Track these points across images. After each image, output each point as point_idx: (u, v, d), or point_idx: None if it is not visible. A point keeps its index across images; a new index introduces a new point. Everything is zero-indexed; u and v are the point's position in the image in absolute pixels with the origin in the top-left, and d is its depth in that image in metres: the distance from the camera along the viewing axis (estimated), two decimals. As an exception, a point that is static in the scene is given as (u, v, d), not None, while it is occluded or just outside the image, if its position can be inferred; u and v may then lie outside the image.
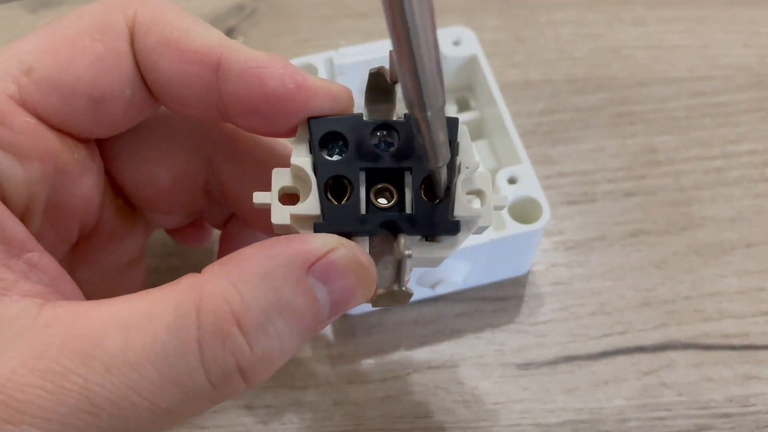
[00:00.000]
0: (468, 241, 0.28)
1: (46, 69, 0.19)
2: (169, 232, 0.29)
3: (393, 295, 0.19)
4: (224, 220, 0.27)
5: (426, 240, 0.20)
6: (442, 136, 0.17)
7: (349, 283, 0.18)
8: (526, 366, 0.30)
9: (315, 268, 0.17)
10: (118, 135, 0.22)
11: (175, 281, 0.17)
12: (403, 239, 0.18)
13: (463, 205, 0.19)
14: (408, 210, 0.19)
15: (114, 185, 0.24)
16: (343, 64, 0.32)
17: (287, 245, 0.17)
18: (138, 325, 0.16)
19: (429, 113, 0.16)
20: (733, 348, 0.31)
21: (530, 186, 0.29)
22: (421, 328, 0.31)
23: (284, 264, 0.17)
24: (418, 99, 0.16)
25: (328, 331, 0.31)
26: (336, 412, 0.30)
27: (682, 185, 0.35)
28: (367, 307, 0.31)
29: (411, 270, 0.23)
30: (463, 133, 0.20)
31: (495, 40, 0.39)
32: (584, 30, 0.40)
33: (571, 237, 0.34)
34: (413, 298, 0.31)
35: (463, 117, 0.34)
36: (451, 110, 0.35)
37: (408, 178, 0.19)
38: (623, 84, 0.38)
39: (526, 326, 0.31)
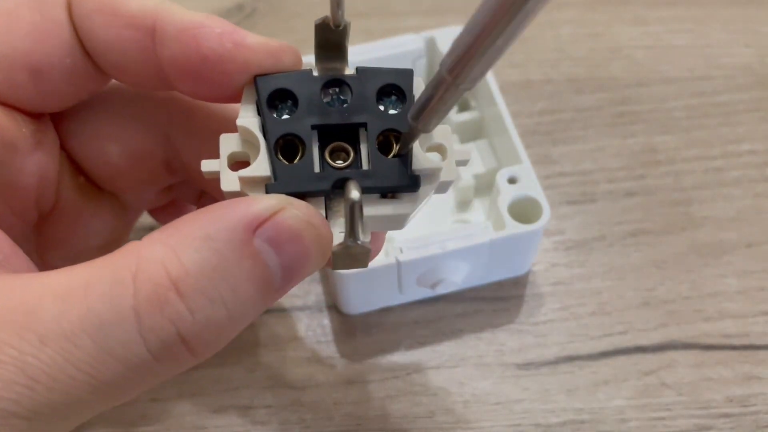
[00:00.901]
0: (468, 240, 0.28)
1: None
2: (151, 212, 0.29)
3: (349, 253, 0.17)
4: (197, 196, 0.27)
5: (385, 198, 0.19)
6: (443, 110, 0.16)
7: (301, 246, 0.17)
8: (526, 366, 0.30)
9: (262, 230, 0.16)
10: (71, 111, 0.22)
11: (116, 250, 0.17)
12: (351, 183, 0.17)
13: (422, 159, 0.18)
14: (364, 167, 0.18)
15: (73, 163, 0.23)
16: (343, 64, 0.32)
17: (231, 207, 0.16)
18: (74, 294, 0.16)
19: (460, 84, 0.15)
20: (733, 348, 0.31)
21: (530, 186, 0.29)
22: (421, 328, 0.31)
23: (227, 226, 0.16)
24: (465, 66, 0.15)
25: (328, 331, 0.31)
26: (336, 412, 0.30)
27: (682, 185, 0.35)
28: (367, 307, 0.32)
29: (381, 237, 0.22)
30: (419, 86, 0.19)
31: (495, 40, 0.39)
32: (584, 30, 0.40)
33: (571, 237, 0.33)
34: (413, 298, 0.32)
35: (463, 117, 0.34)
36: (451, 110, 0.35)
37: (363, 134, 0.18)
38: (623, 84, 0.38)
39: (527, 326, 0.31)
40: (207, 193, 0.26)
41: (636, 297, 0.32)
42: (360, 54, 0.32)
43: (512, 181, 0.30)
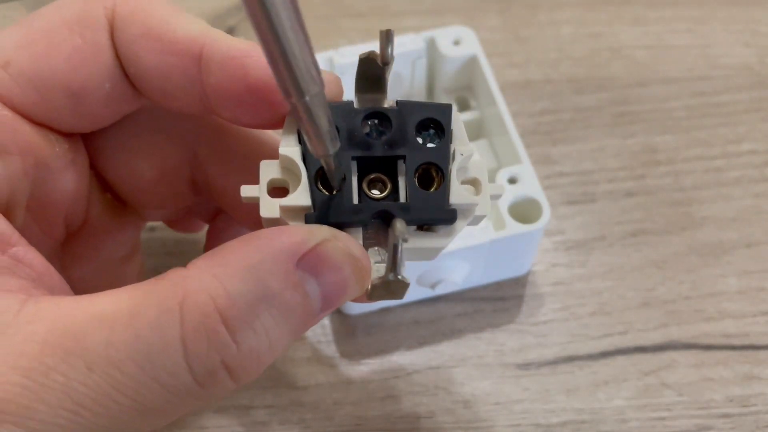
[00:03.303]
0: (468, 240, 0.28)
1: (23, 62, 0.19)
2: (165, 222, 0.29)
3: (388, 286, 0.18)
4: (212, 214, 0.27)
5: (421, 230, 0.19)
6: (325, 123, 0.16)
7: (341, 276, 0.17)
8: (526, 366, 0.30)
9: (304, 260, 0.17)
10: (102, 129, 0.22)
11: (160, 276, 0.17)
12: (398, 222, 0.17)
13: (460, 193, 0.19)
14: (402, 199, 0.19)
15: (101, 180, 0.23)
16: (343, 64, 0.32)
17: (275, 237, 0.17)
18: (121, 321, 0.16)
19: (306, 98, 0.15)
20: (733, 348, 0.31)
21: (530, 186, 0.29)
22: (421, 329, 0.31)
23: (271, 256, 0.16)
24: (292, 84, 0.15)
25: (328, 331, 0.31)
26: (336, 412, 0.30)
27: (682, 185, 0.35)
28: (367, 307, 0.31)
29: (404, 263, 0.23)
30: (456, 120, 0.19)
31: (495, 40, 0.39)
32: (584, 30, 0.40)
33: (572, 237, 0.33)
34: (413, 298, 0.32)
35: (463, 117, 0.34)
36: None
37: (401, 167, 0.19)
38: (623, 84, 0.38)
39: (527, 326, 0.31)
40: (223, 212, 0.26)
41: (636, 297, 0.32)
42: (360, 54, 0.32)
43: (512, 181, 0.30)
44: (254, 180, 0.19)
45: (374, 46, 0.33)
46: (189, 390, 0.16)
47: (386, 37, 0.18)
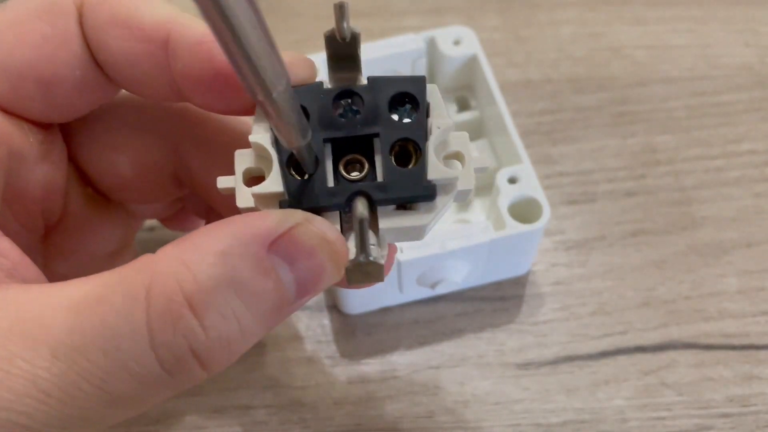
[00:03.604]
0: (468, 240, 0.28)
1: None
2: (161, 221, 0.29)
3: (362, 268, 0.17)
4: (207, 210, 0.27)
5: (403, 209, 0.18)
6: (294, 116, 0.16)
7: (316, 262, 0.17)
8: (526, 366, 0.30)
9: (276, 245, 0.16)
10: (80, 121, 0.22)
11: (130, 263, 0.17)
12: (358, 201, 0.17)
13: (438, 168, 0.18)
14: (380, 179, 0.18)
15: (81, 174, 0.23)
16: (343, 64, 0.32)
17: (245, 222, 0.16)
18: (87, 308, 0.16)
19: (274, 95, 0.15)
20: (733, 348, 0.31)
21: (530, 186, 0.29)
22: (421, 328, 0.31)
23: (241, 242, 0.16)
24: (258, 83, 0.14)
25: (328, 331, 0.31)
26: (336, 412, 0.30)
27: (682, 185, 0.35)
28: (366, 307, 0.32)
29: (393, 248, 0.21)
30: (432, 92, 0.18)
31: (495, 40, 0.39)
32: (584, 30, 0.40)
33: (572, 237, 0.33)
34: (413, 298, 0.32)
35: (463, 117, 0.34)
36: (451, 110, 0.35)
37: (377, 145, 0.18)
38: (623, 84, 0.38)
39: (527, 326, 0.31)
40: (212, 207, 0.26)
41: (636, 297, 0.32)
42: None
43: (512, 181, 0.30)
44: (233, 171, 0.18)
45: (374, 46, 0.33)
46: (157, 378, 0.16)
47: (339, 11, 0.17)
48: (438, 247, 0.28)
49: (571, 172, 0.35)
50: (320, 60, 0.32)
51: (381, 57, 0.32)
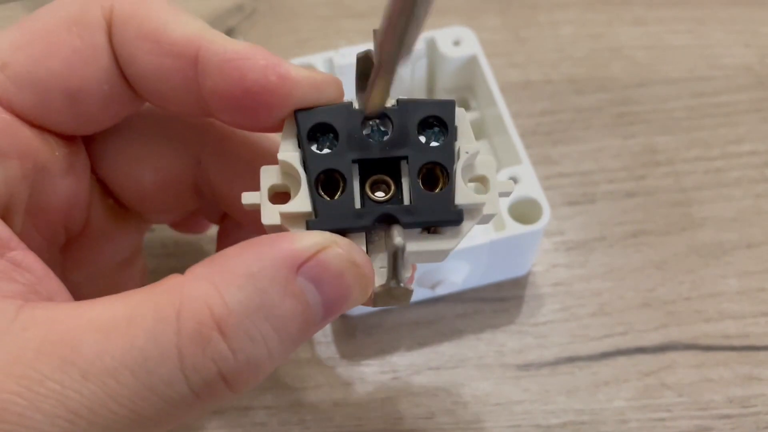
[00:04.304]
0: (467, 241, 0.28)
1: (21, 64, 0.19)
2: (172, 225, 0.29)
3: (391, 293, 0.17)
4: (221, 215, 0.27)
5: (427, 232, 0.18)
6: (390, 84, 0.17)
7: (343, 284, 0.17)
8: (526, 367, 0.30)
9: (305, 268, 0.16)
10: (103, 134, 0.22)
11: (158, 282, 0.17)
12: (396, 229, 0.17)
13: (465, 193, 0.18)
14: (406, 201, 0.18)
15: (102, 185, 0.23)
16: (343, 65, 0.32)
17: (274, 244, 0.16)
18: (117, 329, 0.16)
19: (399, 62, 0.15)
20: (733, 349, 0.31)
21: (530, 186, 0.29)
22: (421, 329, 0.31)
23: (271, 264, 0.16)
24: (399, 43, 0.15)
25: (328, 331, 0.31)
26: (336, 413, 0.29)
27: (682, 186, 0.35)
28: (367, 308, 0.31)
29: (414, 267, 0.22)
30: (461, 117, 0.19)
31: (495, 40, 0.39)
32: (584, 30, 0.40)
33: (572, 237, 0.33)
34: (413, 299, 0.32)
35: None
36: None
37: (404, 168, 0.18)
38: (623, 84, 0.38)
39: (527, 327, 0.31)
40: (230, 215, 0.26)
41: (636, 298, 0.32)
42: (357, 53, 0.32)
43: (512, 181, 0.30)
44: (256, 186, 0.19)
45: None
46: (185, 400, 0.16)
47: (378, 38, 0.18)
48: (438, 248, 0.28)
49: (571, 172, 0.35)
50: (320, 60, 0.32)
51: (381, 57, 0.32)
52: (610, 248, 0.33)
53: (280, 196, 0.18)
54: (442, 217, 0.18)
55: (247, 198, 0.18)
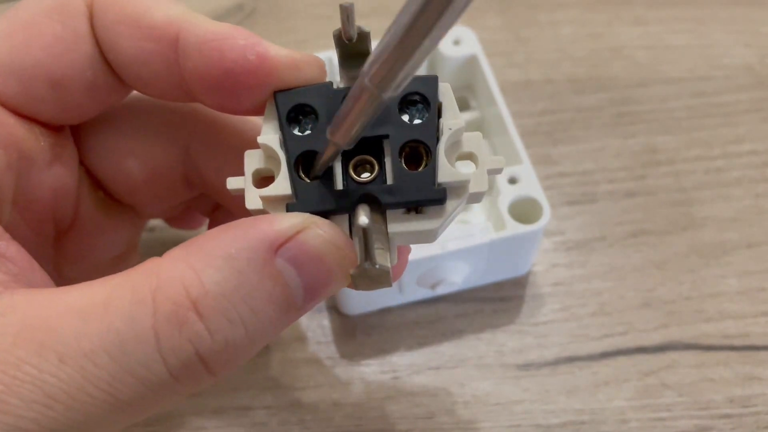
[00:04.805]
0: (468, 240, 0.28)
1: (3, 53, 0.19)
2: (166, 220, 0.29)
3: (368, 275, 0.17)
4: (211, 208, 0.27)
5: (415, 212, 0.18)
6: (366, 123, 0.16)
7: (324, 267, 0.17)
8: (526, 367, 0.30)
9: (283, 250, 0.16)
10: (91, 124, 0.22)
11: (136, 267, 0.16)
12: (361, 209, 0.16)
13: (448, 170, 0.17)
14: (389, 181, 0.17)
15: (92, 178, 0.23)
16: (343, 64, 0.32)
17: (253, 226, 0.16)
18: (94, 313, 0.15)
19: (384, 95, 0.15)
20: (733, 348, 0.31)
21: (530, 186, 0.29)
22: (421, 329, 0.31)
23: (248, 246, 0.16)
24: (389, 76, 0.14)
25: (328, 331, 0.31)
26: (336, 413, 0.29)
27: (682, 185, 0.35)
28: (367, 308, 0.31)
29: (408, 249, 0.21)
30: (445, 92, 0.18)
31: (495, 40, 0.39)
32: (584, 30, 0.40)
33: (572, 237, 0.33)
34: (413, 299, 0.32)
35: (463, 117, 0.34)
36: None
37: (387, 147, 0.18)
38: (623, 84, 0.38)
39: (527, 327, 0.31)
40: (222, 206, 0.26)
41: (636, 297, 0.32)
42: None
43: (512, 181, 0.30)
44: (243, 172, 0.18)
45: (374, 46, 0.33)
46: (164, 383, 0.16)
47: (344, 13, 0.17)
48: (438, 248, 0.28)
49: (571, 172, 0.35)
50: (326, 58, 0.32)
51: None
52: (610, 248, 0.33)
53: (265, 180, 0.18)
54: (424, 196, 0.17)
55: (232, 183, 0.18)
